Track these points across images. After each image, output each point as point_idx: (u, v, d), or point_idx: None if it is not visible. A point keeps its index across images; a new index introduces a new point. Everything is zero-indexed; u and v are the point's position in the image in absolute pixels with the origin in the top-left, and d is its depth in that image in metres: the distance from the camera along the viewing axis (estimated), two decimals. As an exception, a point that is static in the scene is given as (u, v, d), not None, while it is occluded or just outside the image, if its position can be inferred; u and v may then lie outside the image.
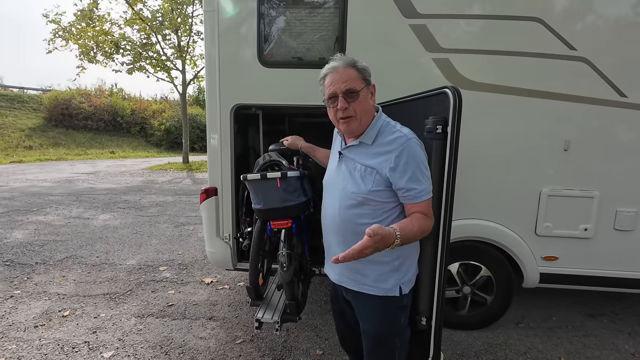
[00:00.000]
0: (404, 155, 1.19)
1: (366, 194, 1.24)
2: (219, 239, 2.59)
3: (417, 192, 1.19)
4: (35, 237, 4.58)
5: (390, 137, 1.25)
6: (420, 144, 1.25)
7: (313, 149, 1.91)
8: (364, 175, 1.25)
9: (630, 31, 2.16)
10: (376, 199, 1.24)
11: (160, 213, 5.93)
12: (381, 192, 1.23)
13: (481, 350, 2.39)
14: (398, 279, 1.29)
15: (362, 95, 1.25)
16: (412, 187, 1.19)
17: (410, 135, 1.24)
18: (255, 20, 2.34)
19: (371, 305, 1.33)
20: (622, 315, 2.85)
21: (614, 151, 2.26)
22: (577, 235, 2.33)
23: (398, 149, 1.20)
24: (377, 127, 1.29)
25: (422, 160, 1.22)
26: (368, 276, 1.30)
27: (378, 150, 1.25)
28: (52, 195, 7.13)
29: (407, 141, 1.21)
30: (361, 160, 1.28)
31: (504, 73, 2.25)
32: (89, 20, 10.55)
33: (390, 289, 1.28)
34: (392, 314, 1.32)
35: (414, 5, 2.23)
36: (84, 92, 19.28)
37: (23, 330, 2.54)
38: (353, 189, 1.26)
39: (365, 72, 1.27)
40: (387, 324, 1.34)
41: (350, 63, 1.25)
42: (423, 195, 1.20)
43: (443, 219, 1.28)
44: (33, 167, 11.27)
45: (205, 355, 2.29)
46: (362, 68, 1.27)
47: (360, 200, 1.25)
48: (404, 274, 1.30)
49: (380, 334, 1.36)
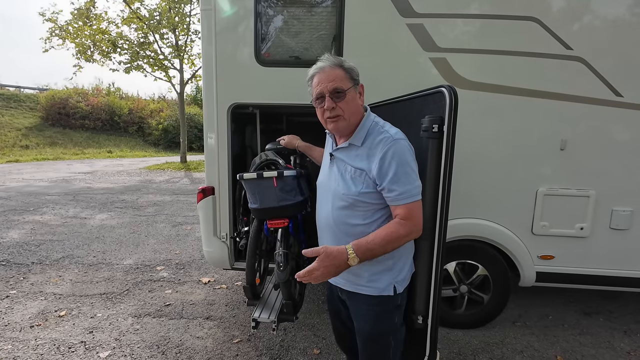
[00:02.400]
0: (387, 155, 1.18)
1: (356, 195, 1.23)
2: (216, 239, 2.58)
3: (397, 194, 1.17)
4: (31, 236, 4.56)
5: (378, 138, 1.23)
6: (407, 145, 1.22)
7: (310, 148, 1.91)
8: (354, 177, 1.25)
9: (627, 31, 2.17)
10: (366, 201, 1.23)
11: (158, 213, 5.91)
12: (371, 194, 1.23)
13: (478, 349, 2.40)
14: (392, 278, 1.29)
15: (350, 95, 1.24)
16: (393, 189, 1.17)
17: (397, 135, 1.22)
18: (252, 19, 2.34)
19: (366, 305, 1.32)
20: (617, 314, 2.87)
21: (610, 150, 2.27)
22: (573, 234, 2.34)
23: (383, 150, 1.19)
24: (365, 128, 1.27)
25: (407, 162, 1.19)
26: (362, 276, 1.30)
27: (367, 152, 1.24)
28: (49, 194, 7.09)
29: (393, 142, 1.19)
30: (351, 162, 1.28)
31: (501, 73, 2.26)
32: (86, 19, 10.53)
33: (384, 288, 1.28)
34: (386, 313, 1.32)
35: (412, 5, 2.23)
36: (81, 91, 19.21)
37: (19, 330, 2.53)
38: (344, 190, 1.26)
39: (352, 71, 1.26)
40: (382, 323, 1.33)
41: (337, 63, 1.24)
42: (404, 198, 1.17)
43: (439, 218, 1.28)
44: (30, 167, 11.21)
45: (202, 355, 2.28)
46: (349, 68, 1.26)
47: (351, 202, 1.25)
48: (397, 273, 1.29)
49: (374, 333, 1.35)
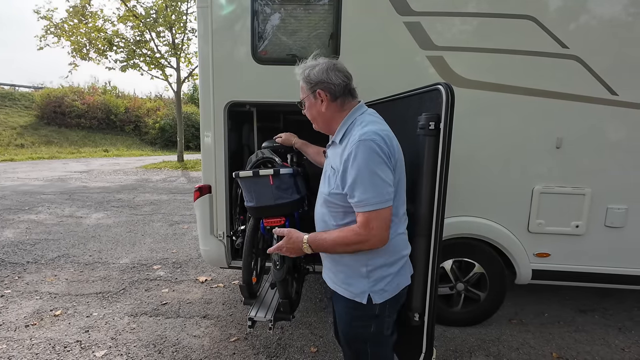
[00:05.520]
0: (351, 157, 1.09)
1: (327, 195, 1.23)
2: (213, 237, 2.57)
3: (355, 200, 1.09)
4: (26, 236, 4.52)
5: (351, 138, 1.15)
6: (376, 146, 1.07)
7: (306, 145, 1.90)
8: (330, 176, 1.23)
9: (622, 30, 2.18)
10: (335, 202, 1.19)
11: (154, 212, 5.88)
12: (338, 196, 1.17)
13: (474, 346, 2.41)
14: (367, 286, 1.21)
15: (308, 103, 1.31)
16: (353, 195, 1.10)
17: (364, 136, 1.09)
18: (249, 17, 2.33)
19: (342, 306, 1.31)
20: (612, 311, 2.89)
21: (605, 149, 2.29)
22: (568, 232, 2.36)
23: (348, 151, 1.11)
24: (345, 125, 1.23)
25: (368, 166, 1.07)
26: (338, 276, 1.29)
27: (342, 150, 1.17)
28: (44, 193, 7.04)
29: (357, 143, 1.08)
30: (330, 160, 1.29)
31: (498, 71, 2.26)
32: (82, 17, 10.45)
33: (358, 294, 1.23)
34: (360, 319, 1.28)
35: (409, 3, 2.23)
36: (76, 90, 19.03)
37: (14, 329, 2.51)
38: (322, 188, 1.29)
39: (308, 79, 1.25)
40: (356, 328, 1.30)
41: (299, 74, 1.29)
42: (362, 205, 1.08)
43: (436, 216, 1.28)
44: (25, 166, 11.12)
45: (199, 354, 2.28)
46: (306, 76, 1.26)
47: (324, 200, 1.25)
48: (373, 283, 1.21)
49: (348, 336, 1.34)
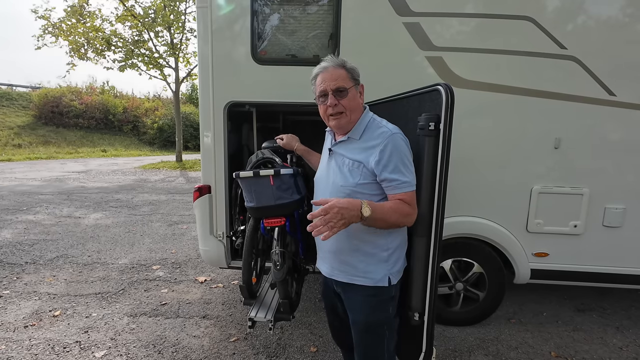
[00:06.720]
0: (388, 148, 1.25)
1: (354, 186, 1.29)
2: (212, 237, 2.57)
3: (399, 182, 1.25)
4: (24, 236, 4.51)
5: (376, 132, 1.31)
6: (404, 139, 1.30)
7: (309, 152, 1.89)
8: (352, 169, 1.31)
9: (620, 31, 2.20)
10: (363, 192, 1.29)
11: (153, 212, 5.87)
12: (368, 185, 1.29)
13: (473, 345, 2.42)
14: (387, 269, 1.34)
15: (351, 93, 1.32)
16: (395, 178, 1.25)
17: (395, 130, 1.30)
18: (248, 17, 2.33)
19: (361, 296, 1.37)
20: (610, 310, 2.91)
21: (603, 149, 2.30)
22: (567, 232, 2.37)
23: (383, 143, 1.26)
24: (364, 123, 1.36)
25: (405, 155, 1.27)
26: (358, 267, 1.35)
27: (365, 145, 1.31)
28: (42, 194, 7.02)
29: (392, 135, 1.27)
30: (349, 155, 1.34)
31: (496, 71, 2.27)
32: (80, 17, 10.42)
33: (379, 279, 1.33)
34: (381, 303, 1.37)
35: (408, 4, 2.24)
36: (74, 90, 18.96)
37: (12, 330, 2.50)
38: (342, 182, 1.32)
39: (353, 72, 1.34)
40: (376, 313, 1.38)
41: (339, 63, 1.33)
42: (405, 186, 1.25)
43: (435, 216, 1.29)
44: (22, 166, 11.08)
45: (198, 354, 2.28)
46: (351, 68, 1.34)
47: (349, 193, 1.30)
48: (392, 265, 1.35)
49: (369, 324, 1.39)
